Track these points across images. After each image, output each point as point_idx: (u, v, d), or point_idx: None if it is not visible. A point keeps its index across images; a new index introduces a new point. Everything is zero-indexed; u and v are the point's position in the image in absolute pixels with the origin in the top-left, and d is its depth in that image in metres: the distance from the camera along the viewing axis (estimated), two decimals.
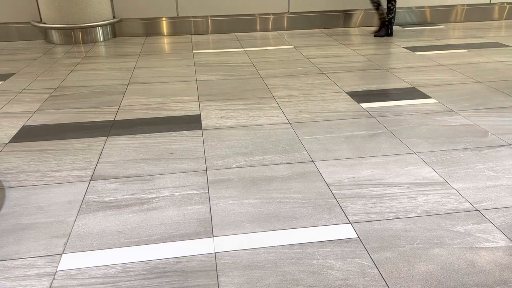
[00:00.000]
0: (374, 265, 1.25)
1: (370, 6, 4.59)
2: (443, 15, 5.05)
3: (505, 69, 3.13)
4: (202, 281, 1.21)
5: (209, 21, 4.75)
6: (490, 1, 5.07)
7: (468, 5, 5.04)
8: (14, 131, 2.24)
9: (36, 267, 1.28)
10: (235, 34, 4.75)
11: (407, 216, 1.47)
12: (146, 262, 1.29)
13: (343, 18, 4.90)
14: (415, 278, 1.20)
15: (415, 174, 1.74)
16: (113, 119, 2.37)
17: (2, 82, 3.11)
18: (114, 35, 4.65)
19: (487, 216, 1.46)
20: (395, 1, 4.21)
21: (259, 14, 4.79)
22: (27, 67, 3.50)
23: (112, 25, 4.58)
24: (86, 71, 3.35)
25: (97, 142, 2.08)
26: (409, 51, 3.76)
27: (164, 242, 1.37)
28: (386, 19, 4.32)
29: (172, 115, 2.40)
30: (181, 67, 3.42)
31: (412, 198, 1.57)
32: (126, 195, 1.63)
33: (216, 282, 1.21)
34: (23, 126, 2.31)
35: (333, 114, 2.37)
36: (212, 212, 1.52)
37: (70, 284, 1.21)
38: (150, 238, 1.39)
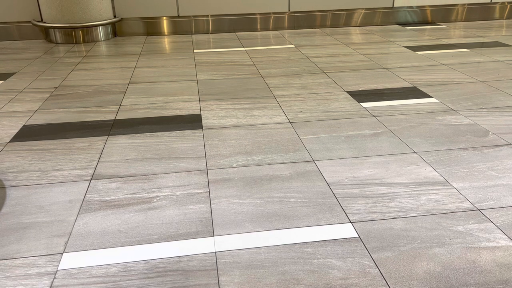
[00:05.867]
0: (374, 265, 1.25)
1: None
2: (444, 14, 5.05)
3: (506, 69, 3.13)
4: (202, 280, 1.21)
5: (210, 20, 4.75)
6: (491, 1, 5.07)
7: (469, 4, 5.04)
8: (15, 131, 2.24)
9: (37, 266, 1.28)
10: (236, 33, 4.75)
11: (408, 216, 1.47)
12: (146, 261, 1.29)
13: (344, 17, 4.90)
14: (416, 277, 1.20)
15: (415, 173, 1.74)
16: (113, 118, 2.37)
17: (2, 81, 3.11)
18: (115, 34, 4.65)
19: (487, 216, 1.46)
20: None
21: (260, 14, 4.79)
22: (27, 66, 3.50)
23: (113, 24, 4.58)
24: (86, 71, 3.35)
25: (97, 142, 2.09)
26: (410, 50, 3.76)
27: (164, 242, 1.37)
28: None
29: (173, 115, 2.40)
30: (182, 66, 3.42)
31: (412, 198, 1.57)
32: (127, 194, 1.63)
33: (217, 281, 1.21)
34: (24, 125, 2.31)
35: (333, 113, 2.37)
36: (212, 211, 1.52)
37: (71, 283, 1.21)
38: (150, 238, 1.39)
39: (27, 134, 2.19)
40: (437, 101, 2.52)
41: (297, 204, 1.55)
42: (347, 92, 2.71)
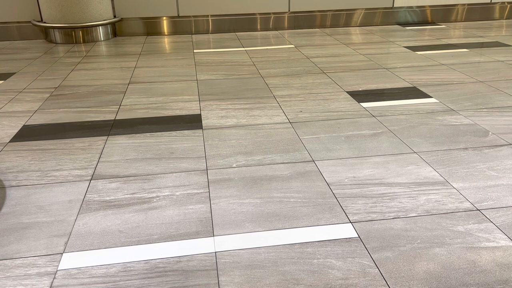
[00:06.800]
0: (374, 265, 1.25)
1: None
2: (443, 14, 5.05)
3: (506, 69, 3.13)
4: (202, 280, 1.21)
5: (210, 20, 4.75)
6: (490, 1, 5.07)
7: (468, 4, 5.04)
8: (15, 131, 2.24)
9: (37, 266, 1.28)
10: (236, 33, 4.75)
11: (408, 216, 1.47)
12: (146, 261, 1.29)
13: (344, 17, 4.90)
14: (416, 277, 1.21)
15: (415, 173, 1.74)
16: (113, 118, 2.37)
17: (2, 81, 3.11)
18: (115, 34, 4.65)
19: (487, 216, 1.46)
20: None
21: (260, 14, 4.79)
22: (27, 66, 3.50)
23: (113, 24, 4.58)
24: (86, 71, 3.35)
25: (97, 142, 2.09)
26: (409, 50, 3.76)
27: (164, 242, 1.37)
28: None
29: (173, 115, 2.40)
30: (182, 66, 3.42)
31: (412, 198, 1.57)
32: (127, 194, 1.63)
33: (217, 281, 1.21)
34: (24, 125, 2.31)
35: (333, 113, 2.37)
36: (212, 211, 1.52)
37: (71, 283, 1.21)
38: (150, 238, 1.39)
39: (27, 134, 2.19)
40: (437, 101, 2.52)
41: (297, 204, 1.55)
42: (347, 92, 2.71)
